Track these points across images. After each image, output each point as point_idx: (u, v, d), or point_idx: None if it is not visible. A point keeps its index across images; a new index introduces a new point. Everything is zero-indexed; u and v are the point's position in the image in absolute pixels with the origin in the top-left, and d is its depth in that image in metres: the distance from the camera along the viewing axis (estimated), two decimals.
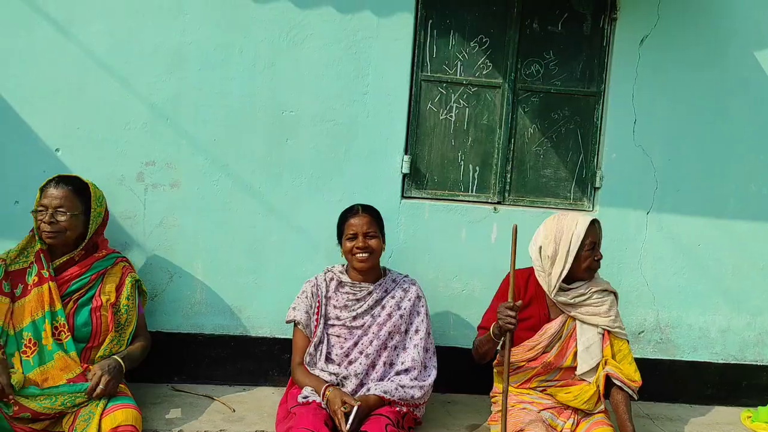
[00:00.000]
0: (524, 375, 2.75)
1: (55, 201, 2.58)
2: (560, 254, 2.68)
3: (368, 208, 2.84)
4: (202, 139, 3.10)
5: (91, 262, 2.69)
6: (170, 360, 3.14)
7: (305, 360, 2.76)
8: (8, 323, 2.55)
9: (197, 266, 3.16)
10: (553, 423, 2.66)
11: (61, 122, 3.02)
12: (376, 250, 2.76)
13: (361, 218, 2.77)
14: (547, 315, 2.75)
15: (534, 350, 2.71)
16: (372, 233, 2.75)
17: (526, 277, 2.80)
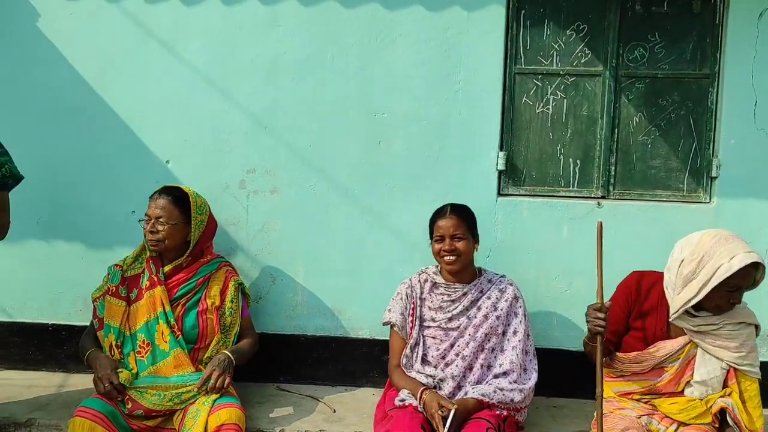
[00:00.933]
0: (627, 385, 2.56)
1: (156, 211, 2.74)
2: (696, 279, 2.31)
3: (458, 208, 2.77)
4: (299, 145, 3.18)
5: (196, 268, 2.83)
6: (275, 360, 3.25)
7: (402, 362, 2.74)
8: (125, 325, 2.74)
9: (298, 269, 3.24)
10: (652, 428, 2.46)
11: (170, 135, 3.21)
12: (463, 252, 2.70)
13: (448, 220, 2.71)
14: (664, 332, 2.49)
15: (641, 365, 2.50)
16: (459, 235, 2.69)
17: (651, 283, 2.51)
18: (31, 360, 3.29)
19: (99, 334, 2.76)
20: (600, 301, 2.35)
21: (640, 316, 2.51)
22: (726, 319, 2.37)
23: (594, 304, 2.37)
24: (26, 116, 3.21)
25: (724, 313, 2.37)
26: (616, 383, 2.59)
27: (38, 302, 3.30)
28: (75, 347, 3.21)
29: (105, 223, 3.24)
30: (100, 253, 3.22)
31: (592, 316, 2.35)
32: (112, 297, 2.77)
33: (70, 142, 3.22)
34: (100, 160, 3.22)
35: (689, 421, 2.42)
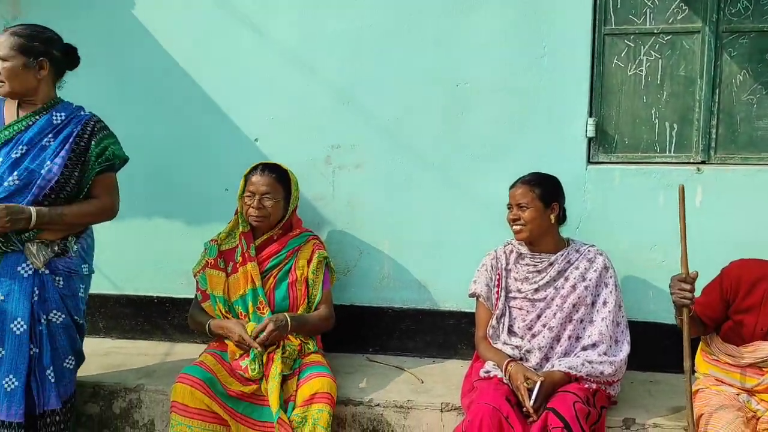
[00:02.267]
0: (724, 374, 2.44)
1: (262, 188, 2.83)
2: None
3: (528, 177, 2.70)
4: (382, 119, 3.19)
5: (286, 240, 2.92)
6: (363, 332, 3.31)
7: (488, 333, 2.73)
8: (227, 294, 2.87)
9: (384, 242, 3.27)
10: (750, 407, 2.32)
11: (259, 114, 3.30)
12: (528, 221, 2.63)
13: (515, 189, 2.68)
14: (764, 331, 2.33)
15: (735, 359, 2.38)
16: (524, 204, 2.63)
17: (757, 278, 2.29)
18: (140, 330, 3.53)
19: (206, 305, 2.90)
20: (684, 270, 2.24)
21: (739, 311, 2.37)
22: None
23: (678, 275, 2.27)
24: (125, 101, 3.39)
25: None
26: (713, 366, 2.48)
27: (144, 276, 3.51)
28: (179, 318, 3.43)
29: (200, 200, 3.39)
30: (197, 229, 3.38)
31: (676, 288, 2.27)
32: (211, 269, 2.90)
33: (166, 124, 3.38)
34: (194, 140, 3.37)
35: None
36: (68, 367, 2.62)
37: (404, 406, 2.76)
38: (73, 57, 2.68)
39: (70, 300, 2.62)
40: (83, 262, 2.67)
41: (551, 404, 2.36)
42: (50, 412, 2.57)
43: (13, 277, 2.52)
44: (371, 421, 2.77)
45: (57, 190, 2.53)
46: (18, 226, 2.46)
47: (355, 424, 2.78)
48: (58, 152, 2.53)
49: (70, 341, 2.62)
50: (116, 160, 2.68)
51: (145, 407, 2.91)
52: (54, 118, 2.59)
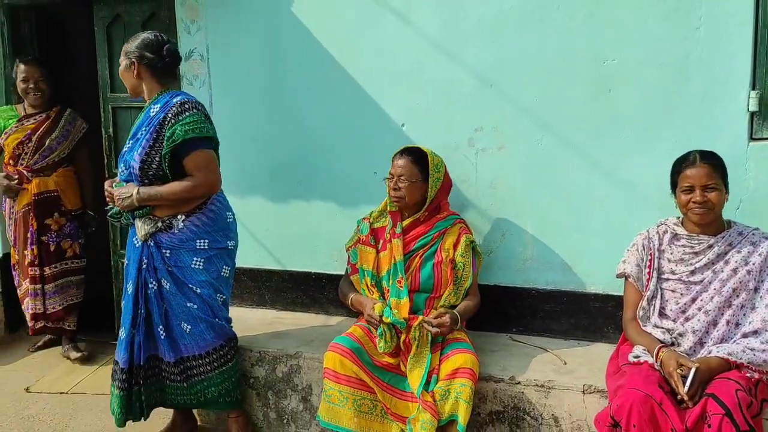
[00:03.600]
0: None
1: (398, 170, 2.99)
2: None
3: (707, 155, 2.56)
4: (524, 100, 3.19)
5: (433, 223, 3.04)
6: (507, 312, 3.35)
7: (638, 314, 2.66)
8: (376, 269, 3.06)
9: (527, 224, 3.28)
10: None
11: (404, 100, 3.44)
12: (716, 204, 2.50)
13: (698, 169, 2.52)
14: None
15: None
16: (712, 185, 2.49)
17: None
18: (299, 303, 3.85)
19: (354, 278, 3.13)
20: None
21: None
22: None
23: None
24: (283, 92, 3.68)
25: None
26: None
27: (303, 254, 3.80)
28: (333, 292, 3.68)
29: (351, 183, 3.60)
30: (348, 210, 3.60)
31: None
32: (362, 245, 3.11)
33: (320, 113, 3.62)
34: (346, 127, 3.58)
35: None
36: (185, 331, 2.96)
37: (545, 385, 2.79)
38: (172, 55, 2.95)
39: (184, 271, 2.93)
40: (197, 237, 2.94)
41: (711, 390, 2.26)
42: (167, 362, 2.99)
43: (131, 246, 3.01)
44: (512, 398, 2.83)
45: (145, 174, 2.86)
46: (127, 204, 2.90)
47: (496, 400, 2.86)
48: (141, 143, 2.86)
49: (182, 308, 2.94)
50: (180, 139, 2.77)
51: (303, 372, 3.20)
52: (151, 111, 2.89)
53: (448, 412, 2.67)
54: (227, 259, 3.06)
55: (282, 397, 3.25)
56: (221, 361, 3.04)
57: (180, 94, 2.96)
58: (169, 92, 2.96)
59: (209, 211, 2.97)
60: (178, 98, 2.89)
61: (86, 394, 3.72)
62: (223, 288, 3.04)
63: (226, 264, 3.05)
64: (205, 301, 2.97)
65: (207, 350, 3.00)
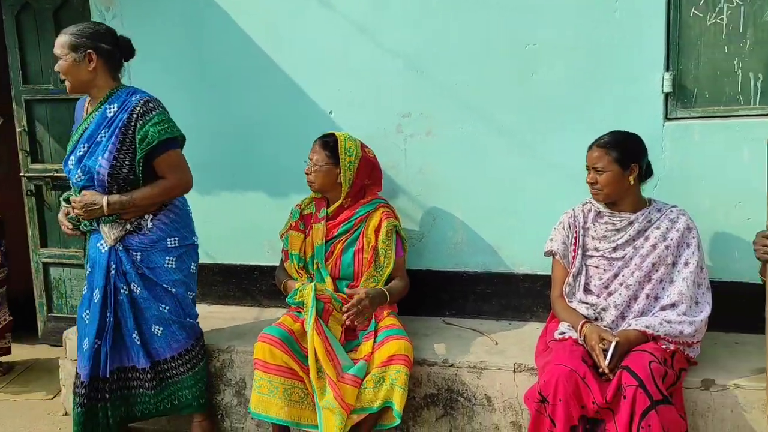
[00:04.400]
0: None
1: (311, 155, 2.99)
2: None
3: (606, 140, 2.62)
4: (451, 85, 3.21)
5: (356, 208, 3.03)
6: (440, 296, 3.39)
7: (564, 291, 2.73)
8: (302, 253, 3.05)
9: (456, 208, 3.31)
10: None
11: (332, 87, 3.40)
12: (604, 185, 2.60)
13: (591, 151, 2.65)
14: None
15: None
16: (600, 168, 2.59)
17: None
18: (231, 296, 3.78)
19: (287, 265, 3.09)
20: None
21: None
22: None
23: (763, 231, 2.22)
24: (207, 82, 3.59)
25: None
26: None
27: (234, 246, 3.72)
28: (267, 284, 3.64)
29: (282, 172, 3.54)
30: (280, 200, 3.54)
31: (759, 244, 2.23)
32: (293, 231, 3.09)
33: (246, 101, 3.55)
34: (274, 115, 3.52)
35: None
36: (156, 334, 2.87)
37: (478, 366, 2.83)
38: (126, 48, 2.82)
39: (157, 272, 2.84)
40: (167, 236, 2.86)
41: (626, 363, 2.35)
42: (141, 369, 2.86)
43: (96, 252, 2.84)
44: (446, 380, 2.86)
45: (115, 180, 2.72)
46: (95, 215, 2.75)
47: (431, 384, 2.88)
48: (106, 147, 2.69)
49: (154, 312, 2.85)
50: (155, 141, 2.69)
51: (236, 367, 3.14)
52: (107, 111, 2.72)
53: (382, 399, 2.67)
54: (194, 255, 3.01)
55: (215, 392, 3.18)
56: (193, 362, 2.97)
57: (136, 90, 2.80)
58: (122, 89, 2.79)
59: (174, 207, 2.91)
60: (137, 96, 2.74)
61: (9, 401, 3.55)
62: (192, 285, 2.99)
63: (194, 260, 3.00)
64: (178, 301, 2.90)
65: (180, 351, 2.92)
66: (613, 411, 2.30)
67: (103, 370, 2.81)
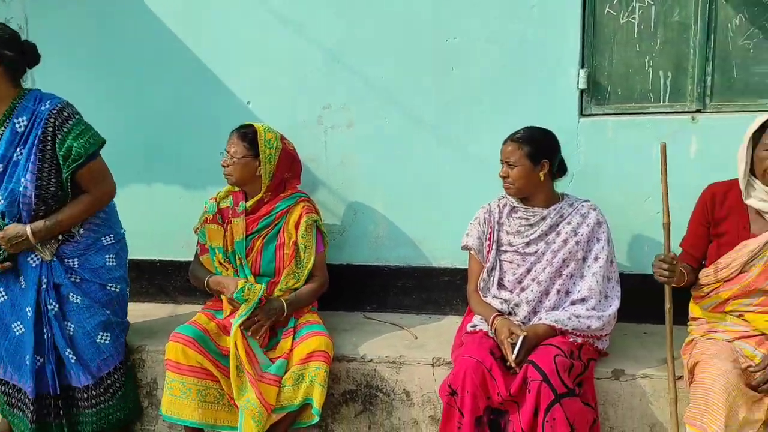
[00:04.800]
0: (717, 298, 2.46)
1: (229, 147, 2.88)
2: (740, 153, 2.39)
3: (520, 135, 2.65)
4: (372, 77, 3.16)
5: (276, 202, 2.94)
6: (361, 290, 3.34)
7: (479, 286, 2.74)
8: (226, 246, 2.92)
9: (378, 202, 3.28)
10: (748, 353, 2.33)
11: (250, 76, 3.29)
12: (515, 180, 2.62)
13: (506, 146, 2.67)
14: (747, 228, 2.41)
15: (729, 268, 2.41)
16: (512, 162, 2.61)
17: (728, 187, 2.49)
18: (144, 293, 3.62)
19: (204, 258, 2.96)
20: (666, 244, 2.35)
21: (720, 221, 2.48)
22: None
23: (659, 255, 2.37)
24: (119, 70, 3.41)
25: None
26: (707, 299, 2.52)
27: (147, 241, 3.54)
28: (181, 281, 3.50)
29: (197, 164, 3.41)
30: (195, 192, 3.42)
31: (657, 267, 2.36)
32: (210, 224, 2.95)
33: (161, 89, 3.40)
34: (189, 104, 3.38)
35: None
36: (104, 343, 2.73)
37: (396, 361, 2.81)
38: (31, 54, 2.61)
39: (99, 273, 2.72)
40: (101, 235, 2.74)
41: (532, 357, 2.38)
42: (83, 387, 2.71)
43: (25, 267, 2.65)
44: (365, 376, 2.83)
45: (43, 201, 2.55)
46: (22, 248, 2.57)
47: (349, 380, 2.84)
48: (27, 166, 2.51)
49: (101, 317, 2.72)
50: (82, 159, 2.57)
51: (147, 367, 3.01)
52: (17, 125, 2.52)
53: (302, 397, 2.62)
54: (126, 248, 2.91)
55: None
56: (128, 367, 2.88)
57: (42, 96, 2.57)
58: (26, 96, 2.56)
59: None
60: (47, 104, 2.53)
61: None
62: (128, 280, 2.93)
63: (127, 253, 2.91)
64: (119, 300, 2.82)
65: (121, 359, 2.82)
66: (518, 403, 2.34)
67: (52, 387, 2.67)
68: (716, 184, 2.55)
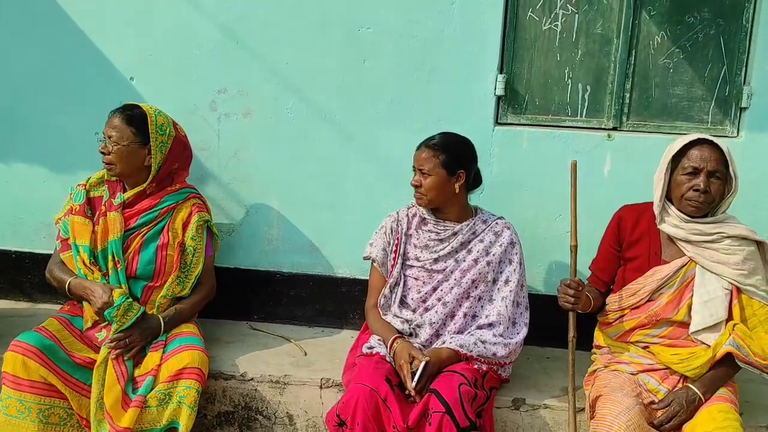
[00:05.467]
0: (624, 325, 2.34)
1: (109, 131, 2.47)
2: (657, 176, 2.28)
3: (436, 141, 2.42)
4: (274, 62, 2.87)
5: (162, 196, 2.57)
6: (249, 298, 3.05)
7: (379, 302, 2.49)
8: (95, 244, 2.51)
9: (273, 200, 2.99)
10: (652, 387, 2.22)
11: (134, 50, 2.92)
12: (427, 190, 2.39)
13: (420, 152, 2.43)
14: (658, 254, 2.30)
15: (637, 296, 2.29)
16: (426, 171, 2.38)
17: (641, 211, 2.38)
18: None
19: (65, 256, 2.54)
20: (572, 267, 2.22)
21: (631, 245, 2.35)
22: (724, 229, 2.21)
23: (565, 279, 2.23)
24: None
25: (695, 210, 2.19)
26: (612, 327, 2.40)
27: (1, 229, 3.10)
28: (39, 276, 3.03)
29: (66, 143, 3.01)
30: (62, 176, 3.01)
31: (561, 292, 2.23)
32: (76, 216, 2.53)
33: (27, 55, 2.95)
34: (61, 75, 2.96)
35: (691, 374, 2.19)
36: None
37: (281, 381, 2.52)
38: None
39: None
40: None
41: (435, 385, 2.17)
42: None
43: None
44: (244, 396, 2.52)
45: None
46: None
47: (226, 400, 2.53)
48: None
49: None
50: None
51: None
52: None
53: (167, 420, 2.30)
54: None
55: None
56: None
57: None
58: None
59: None
60: None
61: None
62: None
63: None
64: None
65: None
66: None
67: None
68: (629, 206, 2.43)
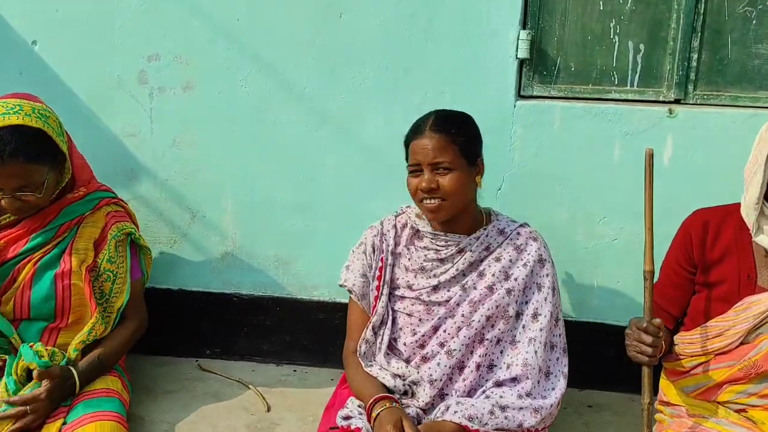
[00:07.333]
0: (706, 378, 1.69)
1: (13, 182, 1.77)
2: (750, 167, 1.64)
3: (446, 121, 1.76)
4: (221, 18, 2.22)
5: (59, 208, 1.90)
6: (199, 328, 2.43)
7: (359, 349, 1.80)
8: None
9: (226, 201, 2.35)
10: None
11: (37, 7, 2.27)
12: (452, 193, 1.70)
13: (428, 139, 1.72)
14: (752, 279, 1.66)
15: (725, 337, 1.65)
16: (446, 164, 1.69)
17: (723, 215, 1.75)
18: None
19: None
20: (647, 302, 1.56)
21: (712, 265, 1.72)
22: None
23: (637, 319, 1.59)
24: None
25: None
26: (690, 378, 1.74)
27: None
28: None
29: None
30: None
31: (634, 339, 1.58)
32: None
33: None
34: None
35: None
36: None
37: None
38: None
39: None
40: None
41: None
42: None
43: None
44: None
45: None
46: None
47: None
48: None
49: None
50: None
51: None
52: None
53: None
54: None
55: None
56: None
57: None
58: None
59: None
60: None
61: None
62: None
63: None
64: None
65: None
66: None
67: None
68: (704, 210, 1.77)
